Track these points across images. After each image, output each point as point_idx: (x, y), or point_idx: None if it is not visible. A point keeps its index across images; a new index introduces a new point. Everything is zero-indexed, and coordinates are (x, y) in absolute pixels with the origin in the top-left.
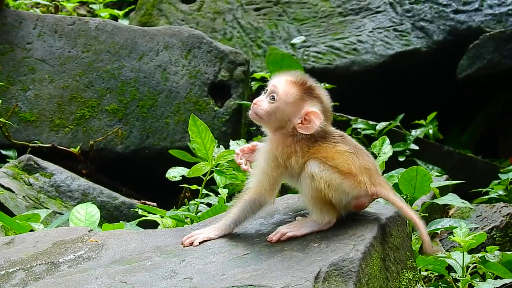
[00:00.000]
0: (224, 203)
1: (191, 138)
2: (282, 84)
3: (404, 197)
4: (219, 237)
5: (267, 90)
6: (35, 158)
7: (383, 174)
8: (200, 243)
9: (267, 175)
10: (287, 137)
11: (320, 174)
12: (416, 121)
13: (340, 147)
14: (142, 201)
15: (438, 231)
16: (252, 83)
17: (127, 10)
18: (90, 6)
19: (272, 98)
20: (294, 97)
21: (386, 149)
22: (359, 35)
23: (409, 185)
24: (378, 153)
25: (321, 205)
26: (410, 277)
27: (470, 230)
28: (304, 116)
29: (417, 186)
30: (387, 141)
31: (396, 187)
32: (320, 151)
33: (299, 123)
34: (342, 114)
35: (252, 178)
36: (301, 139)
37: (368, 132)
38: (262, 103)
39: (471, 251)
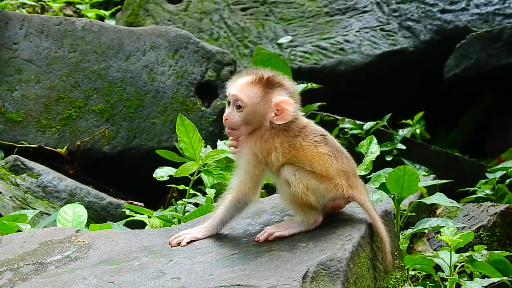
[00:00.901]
0: (212, 203)
1: (178, 138)
2: (241, 89)
3: (392, 197)
4: (206, 237)
5: (229, 101)
6: (22, 159)
7: (370, 174)
8: (187, 243)
9: (249, 174)
10: (264, 133)
11: (296, 180)
12: (403, 121)
13: (321, 149)
14: (129, 201)
15: (426, 231)
16: None
17: (113, 10)
18: (77, 6)
19: (239, 107)
20: (259, 95)
21: (374, 149)
22: (346, 34)
23: (396, 184)
24: (366, 153)
25: (303, 207)
26: (398, 277)
27: (457, 230)
28: (275, 108)
29: (404, 186)
30: (375, 140)
31: (383, 186)
32: (300, 151)
33: (274, 116)
34: (329, 114)
35: (235, 178)
36: (279, 132)
37: (355, 131)
38: (232, 115)
39: (458, 251)
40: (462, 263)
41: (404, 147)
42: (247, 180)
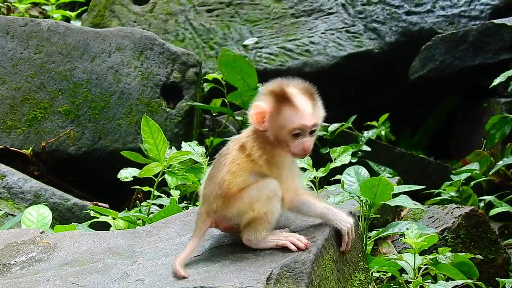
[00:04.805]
0: (176, 204)
1: (143, 139)
2: (314, 116)
3: (364, 201)
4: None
5: (304, 131)
6: None
7: (334, 175)
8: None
9: None
10: None
11: None
12: (369, 123)
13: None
14: (94, 202)
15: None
16: (204, 84)
17: (79, 11)
18: (43, 7)
19: (314, 131)
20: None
21: (344, 158)
22: (311, 36)
23: (370, 191)
24: (335, 159)
25: None
26: (362, 279)
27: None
28: None
29: (378, 193)
30: (349, 152)
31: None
32: None
33: None
34: None
35: None
36: None
37: (320, 133)
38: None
39: (423, 253)
40: (426, 266)
41: (369, 149)
42: None
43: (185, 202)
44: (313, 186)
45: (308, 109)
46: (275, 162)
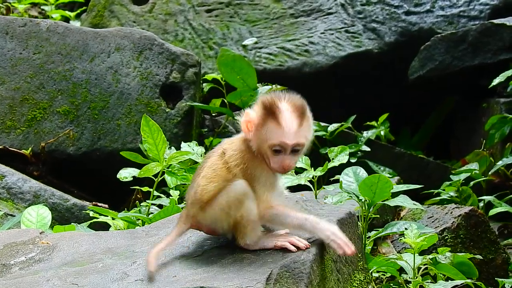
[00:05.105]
0: (176, 204)
1: (143, 139)
2: (297, 136)
3: (363, 200)
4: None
5: (283, 149)
6: None
7: (333, 175)
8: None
9: None
10: None
11: None
12: (368, 123)
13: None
14: (93, 202)
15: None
16: (204, 84)
17: (78, 11)
18: (42, 7)
19: (297, 150)
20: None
21: (342, 158)
22: (311, 36)
23: (369, 190)
24: (332, 158)
25: None
26: (362, 279)
27: (424, 232)
28: None
29: (377, 192)
30: (347, 152)
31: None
32: None
33: None
34: None
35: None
36: None
37: (319, 133)
38: (294, 161)
39: (422, 253)
40: (426, 266)
41: (368, 149)
42: None
43: (184, 202)
44: (311, 186)
45: (292, 128)
46: (250, 173)
